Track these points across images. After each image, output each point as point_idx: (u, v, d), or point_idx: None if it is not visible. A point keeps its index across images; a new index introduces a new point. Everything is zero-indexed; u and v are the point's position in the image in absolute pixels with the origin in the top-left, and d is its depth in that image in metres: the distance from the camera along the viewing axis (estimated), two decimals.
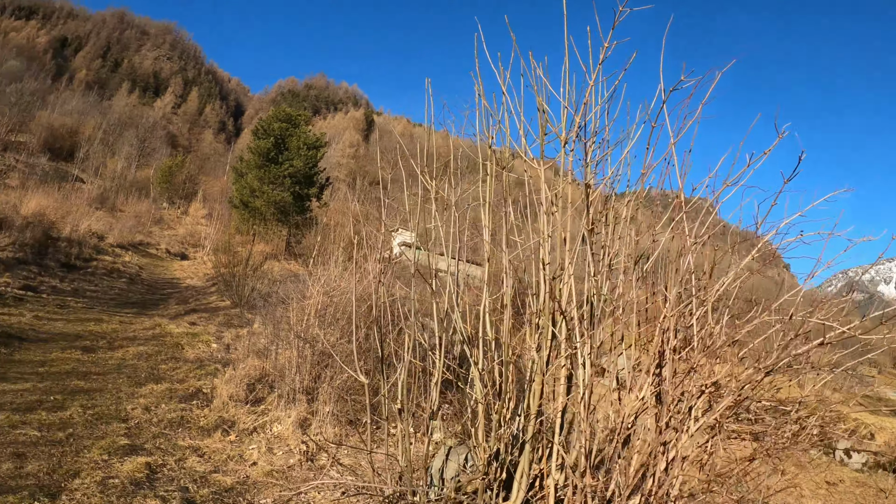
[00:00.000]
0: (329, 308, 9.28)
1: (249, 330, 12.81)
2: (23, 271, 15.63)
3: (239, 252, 26.06)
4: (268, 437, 7.06)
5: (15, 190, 29.10)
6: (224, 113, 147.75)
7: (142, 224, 36.11)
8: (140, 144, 75.69)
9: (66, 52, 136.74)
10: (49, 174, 42.40)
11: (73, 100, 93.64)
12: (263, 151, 34.70)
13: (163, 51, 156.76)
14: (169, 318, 14.40)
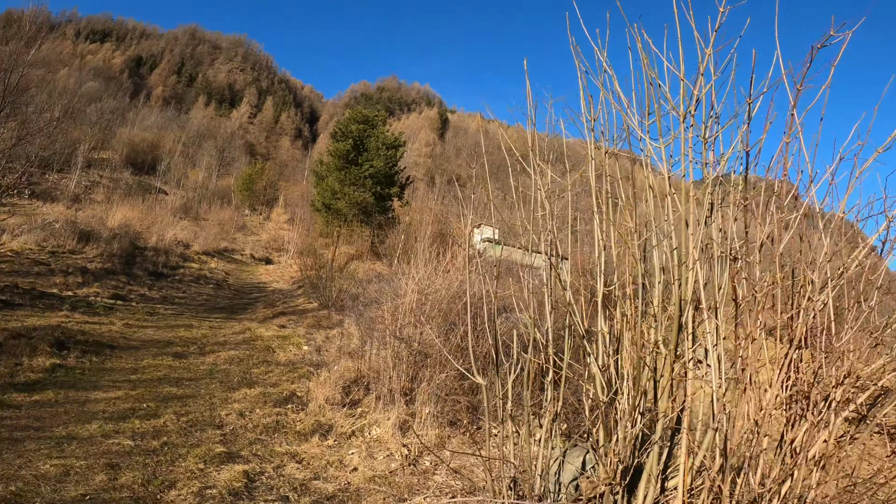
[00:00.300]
0: (424, 306, 8.88)
1: (340, 331, 12.62)
2: (112, 281, 16.03)
3: (323, 254, 26.27)
4: (367, 441, 6.69)
5: (101, 204, 30.42)
6: (299, 120, 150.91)
7: (225, 231, 37.17)
8: (219, 154, 78.21)
9: (141, 70, 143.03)
10: (132, 187, 44.17)
11: (151, 115, 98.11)
12: (343, 153, 34.93)
13: (235, 63, 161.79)
14: (258, 321, 14.43)
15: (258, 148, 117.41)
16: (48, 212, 26.45)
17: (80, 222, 21.59)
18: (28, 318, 10.34)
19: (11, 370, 7.49)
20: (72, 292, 13.91)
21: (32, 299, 12.02)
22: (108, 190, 41.89)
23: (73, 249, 18.67)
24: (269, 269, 29.47)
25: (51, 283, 14.26)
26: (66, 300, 12.73)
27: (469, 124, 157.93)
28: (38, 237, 18.54)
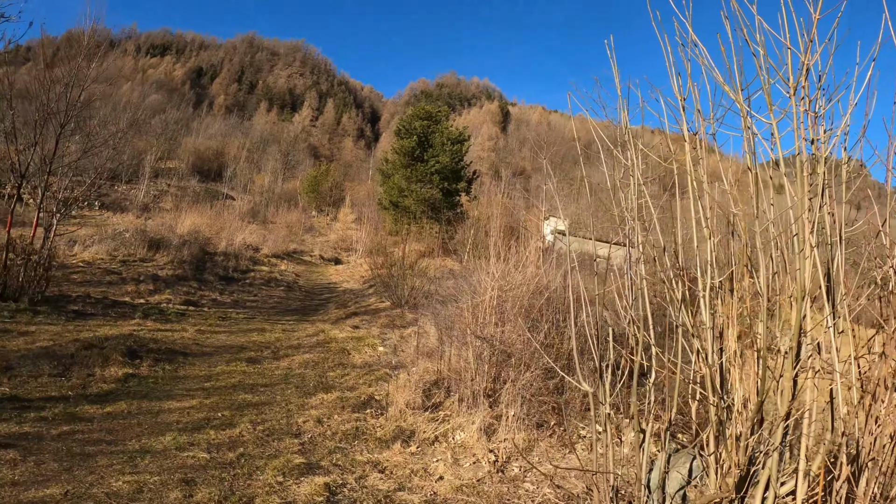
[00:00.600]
0: (504, 303, 8.45)
1: (415, 330, 12.36)
2: (183, 287, 16.16)
3: (393, 252, 26.09)
4: (451, 447, 6.30)
5: (169, 212, 31.10)
6: (361, 120, 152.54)
7: (294, 233, 37.70)
8: (284, 158, 79.91)
9: (202, 80, 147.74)
10: (200, 195, 45.19)
11: (215, 124, 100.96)
12: (408, 150, 35.05)
13: (294, 68, 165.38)
14: (331, 322, 14.25)
15: (321, 150, 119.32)
16: (118, 222, 27.16)
17: (149, 230, 22.02)
18: (100, 328, 10.35)
19: (84, 381, 7.39)
20: (143, 300, 14.04)
21: (105, 308, 12.10)
22: (176, 198, 43.03)
23: (143, 257, 18.98)
24: (338, 269, 29.57)
25: (122, 291, 14.43)
26: (138, 308, 12.80)
27: (531, 116, 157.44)
28: (108, 247, 18.91)
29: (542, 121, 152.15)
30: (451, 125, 37.72)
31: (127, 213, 35.56)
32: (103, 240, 19.63)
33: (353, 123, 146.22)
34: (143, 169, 51.47)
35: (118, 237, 20.24)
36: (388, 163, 37.76)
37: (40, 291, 11.27)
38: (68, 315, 10.95)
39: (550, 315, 8.44)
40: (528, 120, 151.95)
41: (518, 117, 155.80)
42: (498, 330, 7.96)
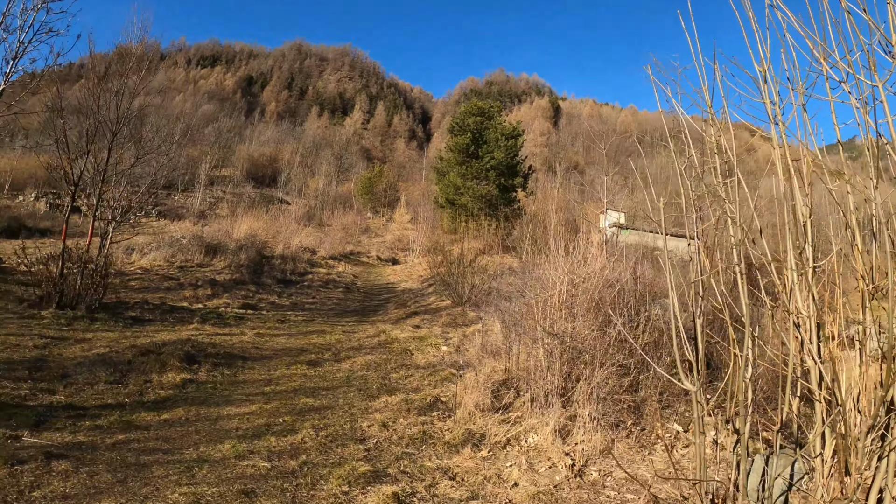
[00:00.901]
0: (574, 298, 8.01)
1: (478, 328, 12.07)
2: (241, 291, 16.12)
3: (450, 251, 25.85)
4: (525, 451, 5.93)
5: (226, 218, 31.48)
6: (412, 121, 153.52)
7: (350, 235, 38.00)
8: (337, 161, 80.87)
9: (253, 89, 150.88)
10: (255, 200, 45.87)
11: (267, 131, 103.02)
12: (462, 147, 34.94)
13: (343, 73, 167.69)
14: (391, 322, 14.01)
15: (374, 152, 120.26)
16: (175, 229, 27.59)
17: (206, 236, 22.20)
18: (158, 333, 10.27)
19: (141, 388, 7.23)
20: (201, 304, 14.00)
21: (162, 314, 12.06)
22: (231, 204, 43.73)
23: (201, 263, 19.09)
24: (396, 269, 29.49)
25: (180, 296, 14.44)
26: (196, 313, 12.74)
27: (581, 110, 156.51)
28: (166, 253, 19.09)
29: (593, 114, 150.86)
30: (504, 120, 37.41)
31: (184, 220, 36.30)
32: (161, 246, 19.83)
33: (405, 125, 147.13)
34: (198, 177, 52.76)
35: (175, 243, 20.42)
36: (442, 161, 37.74)
37: (98, 299, 11.27)
38: (126, 321, 10.92)
39: (623, 309, 8.00)
40: (578, 114, 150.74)
41: (569, 111, 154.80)
42: (568, 325, 7.53)
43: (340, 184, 73.66)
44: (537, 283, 9.07)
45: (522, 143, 36.34)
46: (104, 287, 11.57)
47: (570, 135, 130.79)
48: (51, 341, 8.84)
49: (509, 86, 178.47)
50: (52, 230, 24.12)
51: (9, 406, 6.14)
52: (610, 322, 7.54)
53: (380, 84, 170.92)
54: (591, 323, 7.55)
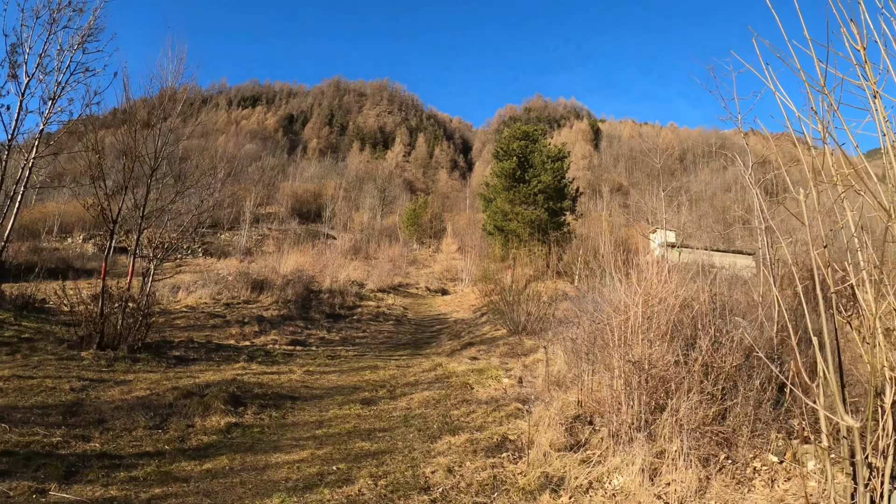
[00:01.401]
0: (651, 320, 7.30)
1: (538, 358, 11.55)
2: (289, 327, 15.73)
3: (501, 278, 25.32)
4: (610, 495, 5.31)
5: (272, 254, 31.39)
6: (453, 151, 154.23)
7: (397, 267, 37.85)
8: (380, 195, 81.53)
9: (294, 127, 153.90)
10: (301, 236, 46.03)
11: (310, 167, 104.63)
12: (508, 172, 34.49)
13: (382, 107, 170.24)
14: (446, 355, 13.39)
15: (417, 184, 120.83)
16: (221, 267, 27.46)
17: (252, 272, 21.95)
18: (202, 374, 9.77)
19: (182, 434, 6.67)
20: (248, 342, 13.58)
21: (208, 353, 11.62)
22: (277, 241, 43.96)
23: (247, 299, 18.79)
24: (446, 299, 29.13)
25: (227, 334, 14.04)
26: (243, 350, 12.29)
27: (621, 131, 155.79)
28: (211, 291, 18.85)
29: (633, 134, 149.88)
30: (549, 143, 36.96)
31: (230, 258, 36.43)
32: (206, 284, 19.64)
33: (446, 155, 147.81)
34: (243, 215, 53.31)
35: (221, 281, 20.21)
36: (488, 187, 37.31)
37: (140, 338, 10.88)
38: (169, 361, 10.47)
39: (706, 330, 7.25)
40: (619, 135, 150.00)
41: (609, 133, 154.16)
42: (647, 351, 6.81)
43: (385, 217, 74.03)
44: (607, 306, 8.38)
45: (569, 165, 35.82)
46: (147, 326, 11.18)
47: (611, 156, 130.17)
48: (89, 384, 8.39)
49: (547, 111, 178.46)
50: (99, 271, 24.22)
51: (38, 455, 5.63)
52: (692, 345, 6.88)
53: (419, 116, 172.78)
54: (670, 347, 6.86)
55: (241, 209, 54.07)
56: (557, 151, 35.25)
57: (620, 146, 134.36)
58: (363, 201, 76.80)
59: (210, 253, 41.28)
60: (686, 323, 7.43)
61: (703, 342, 6.75)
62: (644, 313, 7.33)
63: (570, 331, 11.12)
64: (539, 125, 41.06)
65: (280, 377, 10.14)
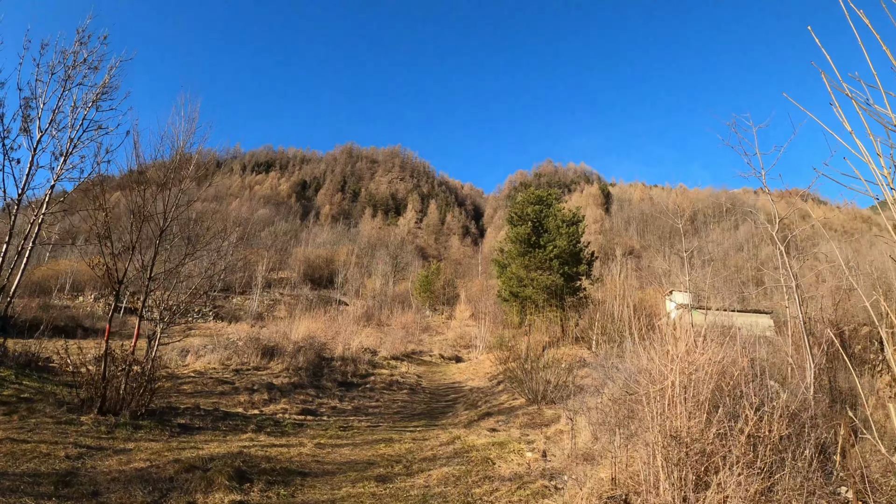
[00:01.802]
0: (688, 389, 6.79)
1: (562, 428, 11.03)
2: (300, 395, 15.15)
3: (517, 345, 24.73)
4: None
5: (283, 319, 30.95)
6: (464, 218, 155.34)
7: (410, 334, 37.50)
8: (393, 261, 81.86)
9: (307, 192, 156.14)
10: (313, 302, 45.85)
11: (322, 233, 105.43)
12: (523, 238, 34.19)
13: (394, 173, 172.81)
14: (463, 426, 12.74)
15: (429, 250, 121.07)
16: (232, 331, 27.07)
17: (263, 338, 21.43)
18: (207, 444, 9.17)
19: None
20: (258, 410, 12.99)
21: (214, 421, 11.01)
22: (289, 306, 43.85)
23: (257, 366, 18.25)
24: (460, 367, 28.52)
25: (235, 402, 13.46)
26: (252, 420, 11.69)
27: (632, 194, 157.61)
28: (221, 356, 18.33)
29: (643, 197, 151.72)
30: (563, 207, 36.77)
31: (241, 322, 36.09)
32: (216, 349, 19.14)
33: (458, 222, 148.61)
34: (255, 280, 53.39)
35: (231, 346, 19.70)
36: (503, 253, 37.00)
37: (144, 404, 10.32)
38: (173, 430, 9.88)
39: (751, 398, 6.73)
40: (629, 198, 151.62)
41: (619, 196, 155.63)
42: (687, 423, 6.27)
43: (397, 283, 74.00)
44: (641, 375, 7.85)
45: (584, 230, 35.53)
46: (151, 391, 10.62)
47: (622, 220, 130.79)
48: (86, 451, 7.82)
49: (558, 176, 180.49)
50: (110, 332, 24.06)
51: None
52: (733, 415, 6.35)
53: (430, 183, 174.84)
54: (711, 418, 6.32)
55: (254, 273, 54.26)
56: (572, 216, 35.16)
57: (631, 209, 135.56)
58: (375, 267, 76.92)
59: (221, 317, 41.19)
60: (725, 391, 6.90)
61: (748, 412, 6.21)
62: (680, 382, 6.81)
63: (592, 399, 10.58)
64: (553, 189, 41.04)
65: (289, 450, 9.52)
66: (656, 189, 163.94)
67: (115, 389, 10.01)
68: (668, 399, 6.74)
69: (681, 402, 6.61)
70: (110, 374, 9.98)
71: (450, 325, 47.77)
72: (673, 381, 6.80)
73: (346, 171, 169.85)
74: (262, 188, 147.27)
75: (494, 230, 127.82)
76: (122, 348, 10.63)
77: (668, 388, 6.80)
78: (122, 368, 10.11)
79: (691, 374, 6.96)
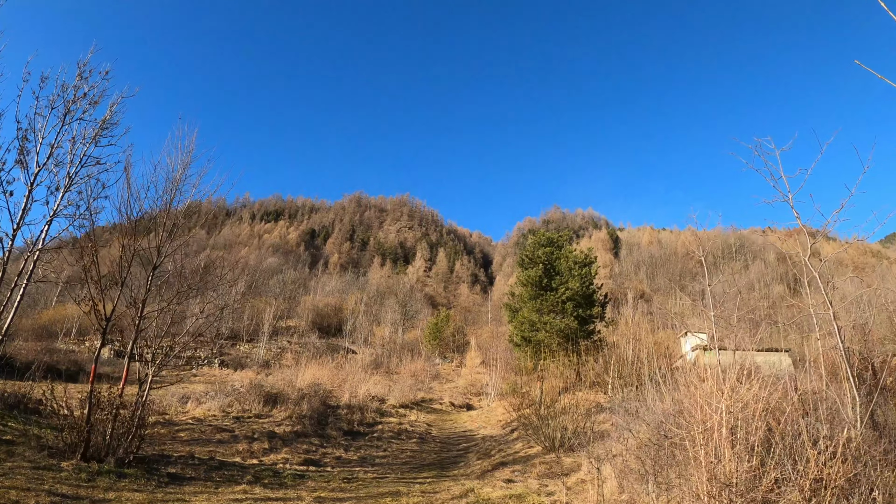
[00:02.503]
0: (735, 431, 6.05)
1: (584, 477, 10.24)
2: (303, 444, 14.29)
3: (530, 391, 23.82)
4: None
5: (290, 367, 30.10)
6: (473, 266, 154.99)
7: (420, 381, 36.77)
8: (402, 309, 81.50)
9: (316, 241, 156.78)
10: (321, 350, 45.28)
11: (331, 281, 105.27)
12: (535, 280, 33.20)
13: (403, 222, 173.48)
14: (476, 477, 11.83)
15: (438, 298, 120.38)
16: (237, 378, 26.28)
17: (266, 385, 20.57)
18: (195, 497, 8.33)
19: None
20: (257, 460, 12.14)
21: (208, 471, 10.17)
22: (296, 354, 43.19)
23: (259, 413, 17.39)
24: (471, 415, 27.59)
25: (233, 451, 12.60)
26: (249, 470, 10.84)
27: (640, 238, 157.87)
28: (221, 403, 17.53)
29: (652, 240, 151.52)
30: (575, 249, 35.90)
31: (247, 369, 35.38)
32: (217, 395, 18.29)
33: (466, 270, 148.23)
34: (262, 328, 53.00)
35: (233, 392, 18.85)
36: (514, 297, 36.01)
37: (132, 451, 9.52)
38: (161, 479, 9.07)
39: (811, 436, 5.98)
40: (638, 242, 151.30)
41: (628, 241, 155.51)
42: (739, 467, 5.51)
43: (406, 331, 73.42)
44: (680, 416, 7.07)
45: (596, 271, 34.54)
46: (140, 437, 9.85)
47: (632, 264, 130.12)
48: (60, 500, 7.03)
49: (566, 222, 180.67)
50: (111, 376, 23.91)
51: None
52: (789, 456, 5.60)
53: (439, 231, 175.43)
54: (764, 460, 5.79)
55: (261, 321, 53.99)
56: (584, 257, 34.21)
57: (640, 253, 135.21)
58: (384, 315, 76.39)
59: (227, 364, 40.70)
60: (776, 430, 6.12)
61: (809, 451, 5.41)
62: (727, 421, 6.04)
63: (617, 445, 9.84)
64: (564, 231, 40.31)
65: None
66: (665, 232, 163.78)
67: (101, 434, 9.24)
68: (714, 441, 5.97)
69: (728, 444, 5.86)
70: (95, 419, 9.21)
71: (460, 373, 47.08)
72: (719, 421, 6.03)
73: (355, 220, 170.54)
74: (271, 237, 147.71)
75: (503, 278, 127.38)
76: (110, 391, 9.87)
77: (715, 429, 6.03)
78: (108, 412, 9.34)
79: (737, 412, 6.19)
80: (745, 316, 25.07)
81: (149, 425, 10.64)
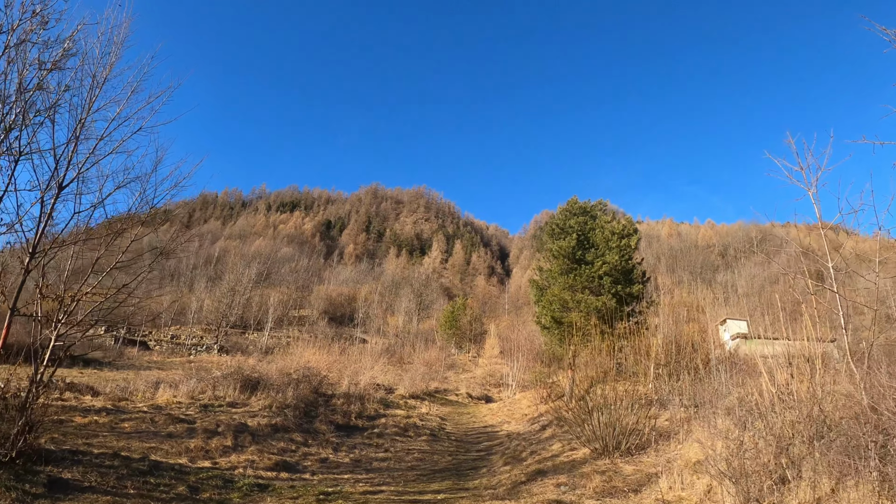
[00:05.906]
0: None
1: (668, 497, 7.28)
2: (279, 442, 11.26)
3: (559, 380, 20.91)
4: None
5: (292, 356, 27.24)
6: (490, 258, 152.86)
7: (434, 371, 34.31)
8: (417, 299, 79.85)
9: (331, 232, 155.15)
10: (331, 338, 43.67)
11: (345, 272, 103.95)
12: (567, 252, 28.50)
13: (419, 214, 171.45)
14: (506, 492, 8.52)
15: (454, 290, 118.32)
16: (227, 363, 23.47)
17: (245, 369, 17.37)
18: None
19: None
20: (209, 462, 9.06)
21: (123, 478, 7.01)
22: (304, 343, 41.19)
23: (234, 401, 14.40)
24: (491, 407, 25.03)
25: (181, 448, 9.48)
26: (189, 477, 7.72)
27: (659, 231, 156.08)
28: (191, 388, 14.56)
29: (672, 233, 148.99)
30: (611, 219, 31.43)
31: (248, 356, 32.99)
32: (190, 380, 15.31)
33: (483, 262, 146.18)
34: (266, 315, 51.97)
35: (208, 378, 15.85)
36: (542, 272, 31.35)
37: (14, 444, 6.40)
38: (38, 486, 6.02)
39: None
40: (657, 235, 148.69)
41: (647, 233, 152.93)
42: None
43: (421, 321, 71.39)
44: None
45: (637, 243, 29.69)
46: (28, 427, 6.70)
47: (652, 256, 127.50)
48: None
49: None
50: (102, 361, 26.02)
51: None
52: None
53: (456, 223, 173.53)
54: None
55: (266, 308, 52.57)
56: (622, 227, 29.37)
57: (660, 245, 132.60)
58: (399, 305, 74.50)
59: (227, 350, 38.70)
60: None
61: None
62: None
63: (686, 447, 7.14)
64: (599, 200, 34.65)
65: None
66: (684, 225, 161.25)
67: None
68: None
69: None
70: None
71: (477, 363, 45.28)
72: None
73: (371, 212, 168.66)
74: (287, 227, 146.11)
75: (520, 270, 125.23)
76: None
77: None
78: None
79: None
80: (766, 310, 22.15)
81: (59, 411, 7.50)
